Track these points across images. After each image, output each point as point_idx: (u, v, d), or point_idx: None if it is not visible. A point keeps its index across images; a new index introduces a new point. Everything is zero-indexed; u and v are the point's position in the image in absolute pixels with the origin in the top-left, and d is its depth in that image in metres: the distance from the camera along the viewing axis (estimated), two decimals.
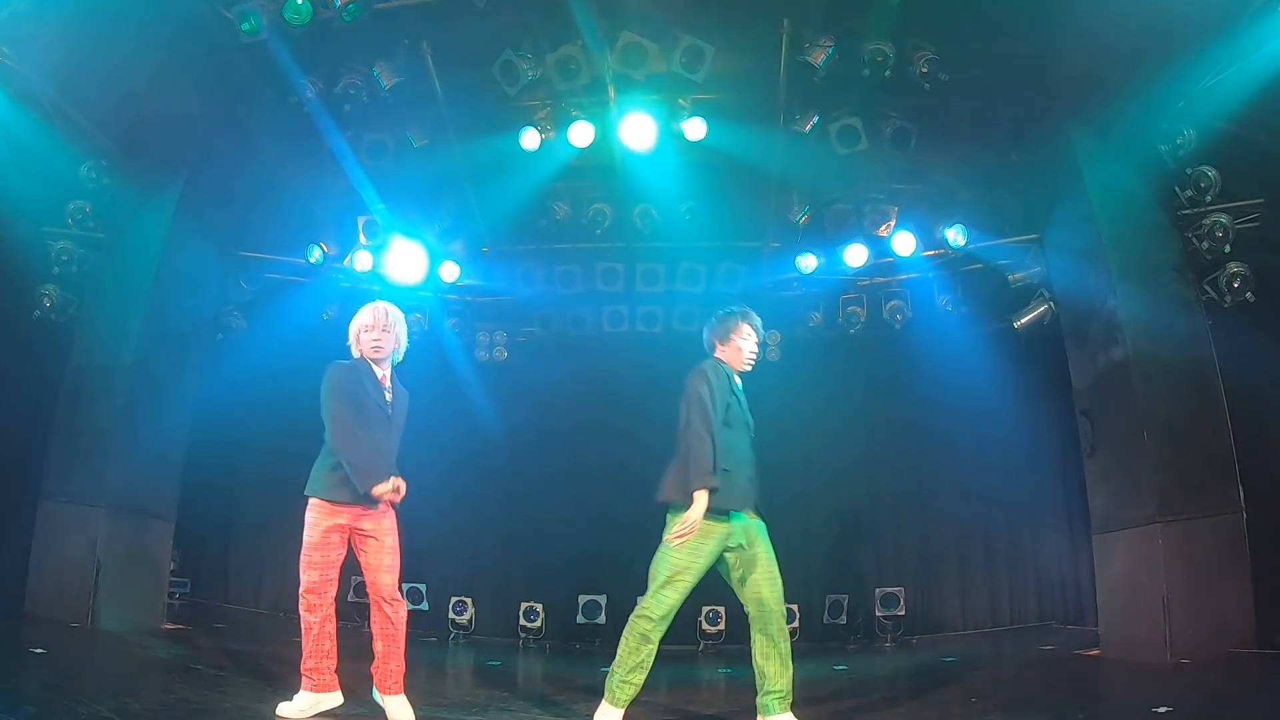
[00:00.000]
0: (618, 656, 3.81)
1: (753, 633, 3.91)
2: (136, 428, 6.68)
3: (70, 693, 3.92)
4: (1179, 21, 5.41)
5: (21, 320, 6.91)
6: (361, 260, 8.48)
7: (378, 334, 4.01)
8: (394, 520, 4.00)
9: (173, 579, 7.85)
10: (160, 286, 6.88)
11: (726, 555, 3.92)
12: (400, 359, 4.15)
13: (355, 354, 4.07)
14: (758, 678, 3.89)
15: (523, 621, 8.68)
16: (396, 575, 3.95)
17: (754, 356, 4.10)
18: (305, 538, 3.87)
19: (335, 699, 3.98)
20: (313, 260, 8.42)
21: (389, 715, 3.93)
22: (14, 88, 6.04)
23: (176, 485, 7.15)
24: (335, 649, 3.98)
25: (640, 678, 3.80)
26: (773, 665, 3.85)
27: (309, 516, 3.87)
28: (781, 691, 3.84)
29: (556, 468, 9.34)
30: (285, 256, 8.59)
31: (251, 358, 8.46)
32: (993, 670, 6.23)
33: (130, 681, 4.49)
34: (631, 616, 3.85)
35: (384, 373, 4.06)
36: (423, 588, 8.91)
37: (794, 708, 3.87)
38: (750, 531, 3.94)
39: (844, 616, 8.50)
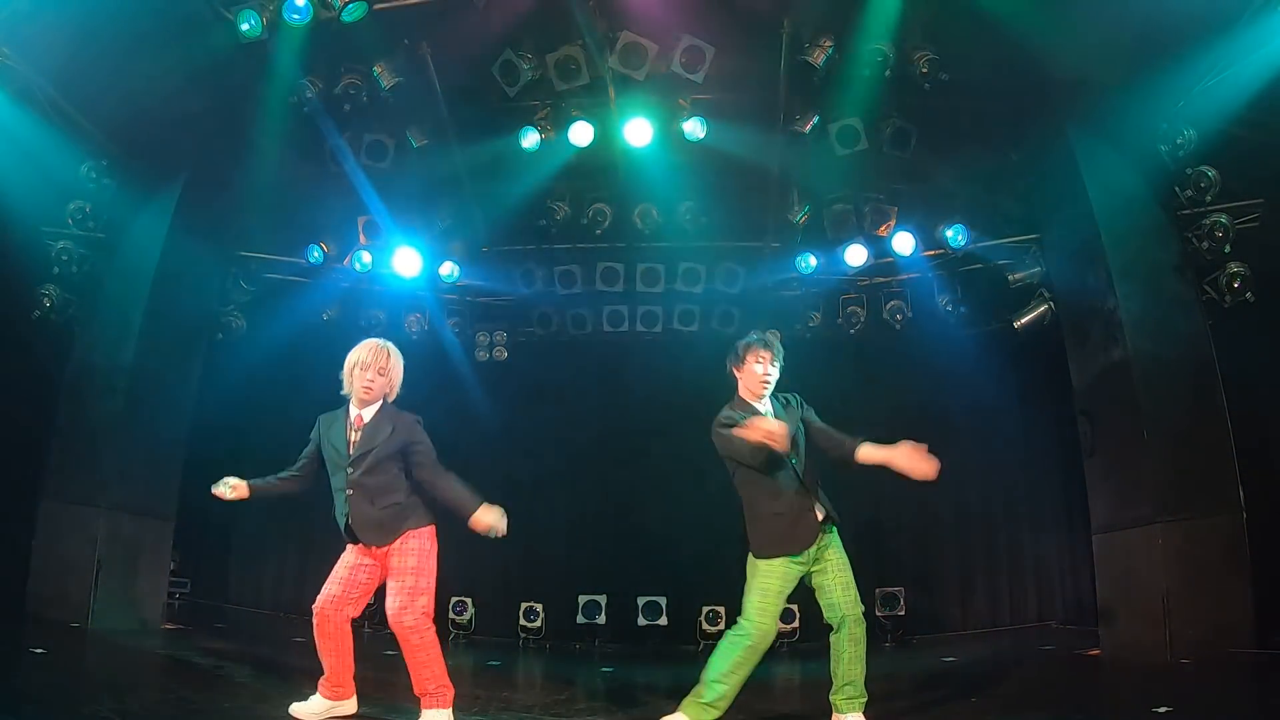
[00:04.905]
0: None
1: (830, 638, 4.00)
2: (136, 428, 6.68)
3: (70, 693, 3.92)
4: (1178, 21, 5.41)
5: (21, 320, 6.91)
6: (361, 260, 8.48)
7: (372, 375, 3.94)
8: (405, 551, 3.95)
9: (173, 579, 7.86)
10: (160, 286, 6.88)
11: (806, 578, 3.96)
12: (392, 399, 4.09)
13: (345, 388, 4.01)
14: (833, 677, 3.98)
15: (523, 621, 8.67)
16: (397, 599, 3.89)
17: (768, 379, 4.05)
18: None
19: (350, 706, 4.02)
20: (313, 260, 8.42)
21: None
22: (14, 88, 6.04)
23: (176, 485, 7.15)
24: (350, 659, 4.00)
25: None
26: (841, 666, 3.95)
27: None
28: (849, 692, 3.94)
29: (556, 468, 9.33)
30: (285, 256, 8.59)
31: (251, 358, 8.46)
32: (993, 670, 6.23)
33: (130, 681, 4.49)
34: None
35: (362, 413, 3.96)
36: None
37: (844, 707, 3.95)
38: (821, 548, 3.95)
39: None
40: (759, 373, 4.05)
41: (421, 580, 3.90)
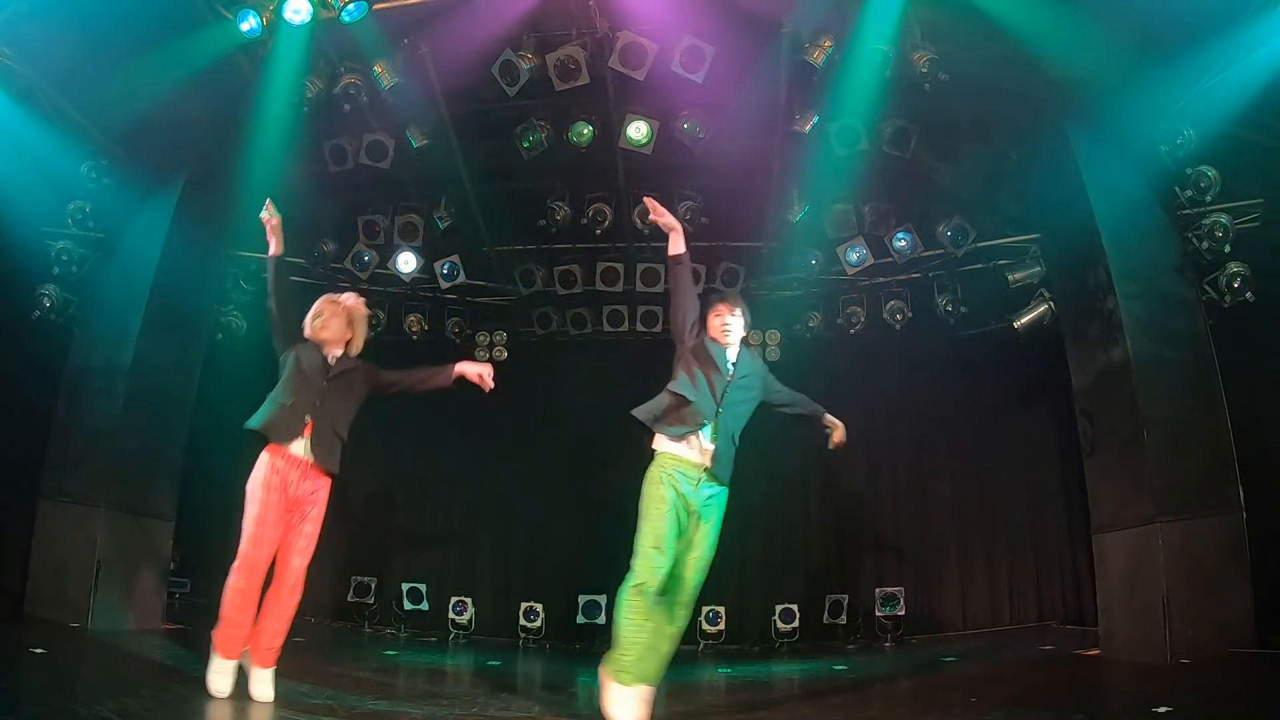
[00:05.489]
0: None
1: (645, 601, 3.86)
2: (136, 428, 6.68)
3: (70, 693, 3.92)
4: (1178, 21, 5.41)
5: (21, 320, 6.91)
6: (362, 260, 8.48)
7: (326, 315, 4.35)
8: (321, 501, 4.22)
9: (173, 579, 7.85)
10: (160, 286, 6.87)
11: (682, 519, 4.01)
12: (355, 351, 4.43)
13: (308, 333, 4.38)
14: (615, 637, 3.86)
15: (523, 621, 8.68)
16: (307, 544, 4.19)
17: (728, 328, 4.23)
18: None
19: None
20: (313, 260, 8.42)
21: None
22: (14, 88, 6.04)
23: (176, 485, 7.15)
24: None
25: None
26: (644, 636, 3.82)
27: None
28: (628, 666, 3.80)
29: (556, 468, 9.34)
30: (286, 256, 8.57)
31: (251, 358, 8.46)
32: (993, 670, 6.23)
33: (130, 681, 4.49)
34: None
35: (333, 352, 4.35)
36: (423, 588, 8.92)
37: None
38: (706, 510, 4.05)
39: (844, 616, 8.50)
40: (717, 324, 4.26)
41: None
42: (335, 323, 4.33)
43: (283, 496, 4.07)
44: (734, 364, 4.21)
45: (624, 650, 3.79)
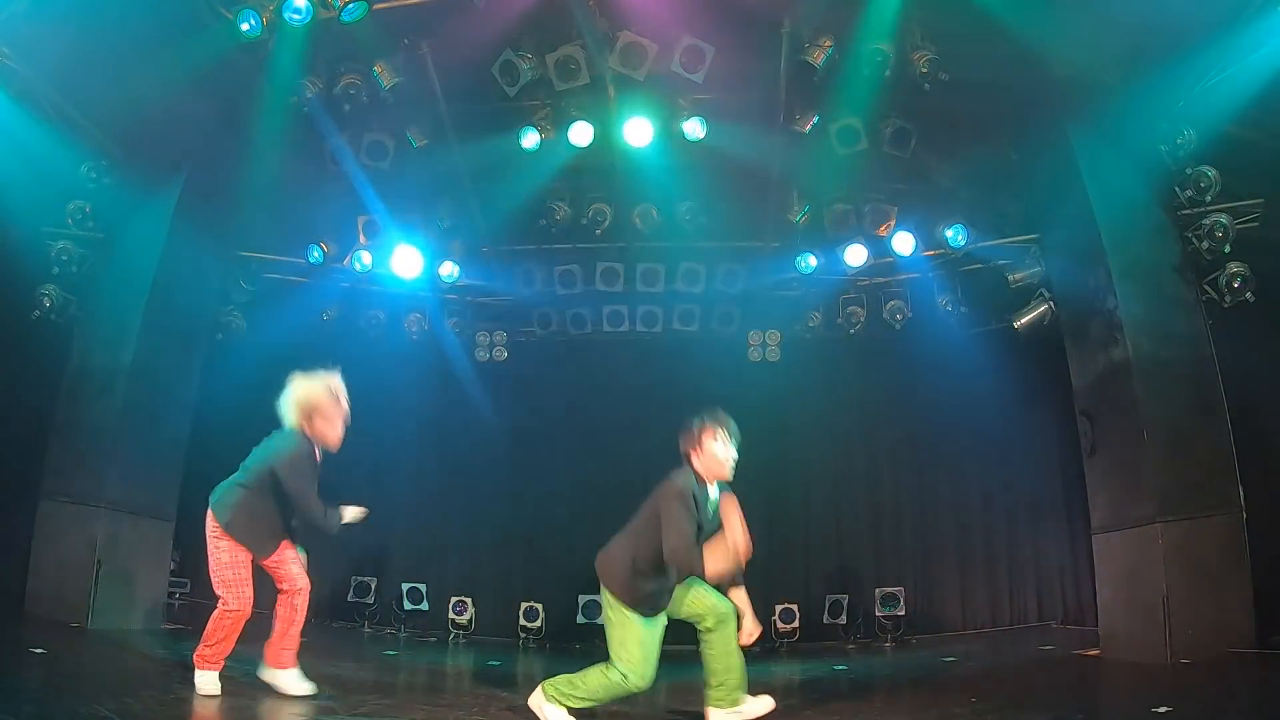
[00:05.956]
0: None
1: (710, 638, 4.32)
2: (136, 428, 6.68)
3: (70, 693, 3.92)
4: (1178, 21, 5.41)
5: (21, 320, 6.91)
6: (361, 260, 8.48)
7: (335, 422, 4.43)
8: None
9: (173, 579, 7.85)
10: (160, 286, 6.87)
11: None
12: None
13: (312, 426, 4.42)
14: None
15: (523, 621, 8.68)
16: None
17: (732, 461, 3.92)
18: None
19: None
20: (313, 260, 8.42)
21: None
22: (14, 88, 6.04)
23: (176, 485, 7.14)
24: None
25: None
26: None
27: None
28: (575, 703, 4.00)
29: (556, 467, 9.34)
30: (285, 256, 8.59)
31: (251, 358, 8.46)
32: (993, 670, 6.23)
33: (130, 681, 4.50)
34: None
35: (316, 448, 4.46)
36: (423, 588, 8.91)
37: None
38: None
39: (844, 616, 8.50)
40: (720, 456, 3.91)
41: None
42: (340, 429, 4.40)
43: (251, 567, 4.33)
44: (711, 509, 3.97)
45: (585, 699, 3.93)
